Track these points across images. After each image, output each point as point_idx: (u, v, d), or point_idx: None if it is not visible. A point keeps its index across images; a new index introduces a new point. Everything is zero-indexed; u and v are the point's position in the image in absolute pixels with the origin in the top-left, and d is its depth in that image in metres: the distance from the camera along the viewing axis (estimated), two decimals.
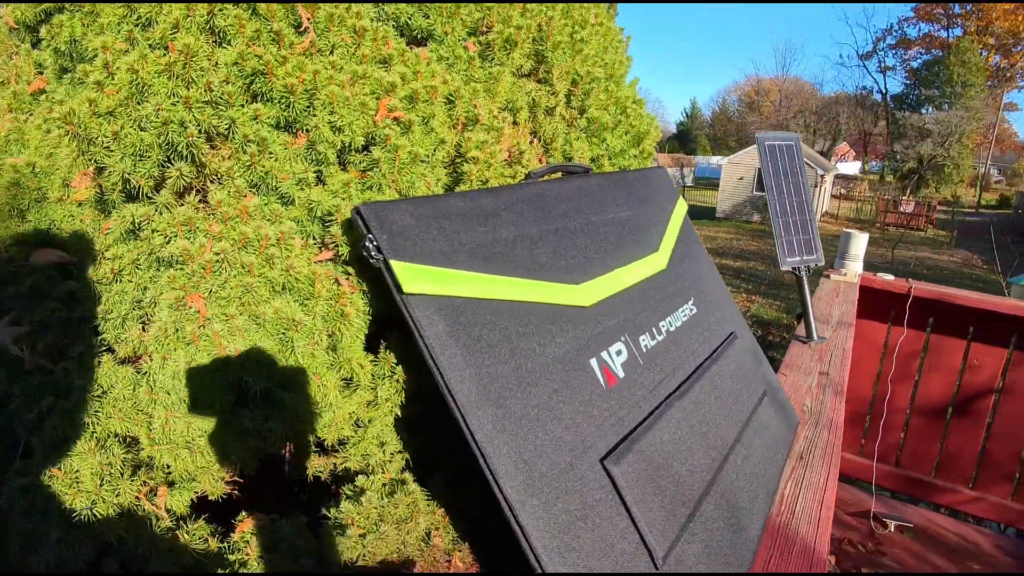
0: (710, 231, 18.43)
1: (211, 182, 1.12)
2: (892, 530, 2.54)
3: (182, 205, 1.11)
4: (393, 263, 0.71)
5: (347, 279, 1.29)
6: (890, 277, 2.68)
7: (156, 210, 1.18)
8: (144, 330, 1.15)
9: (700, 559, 0.91)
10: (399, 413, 1.45)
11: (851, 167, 35.65)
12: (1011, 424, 2.50)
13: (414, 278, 0.72)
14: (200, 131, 1.08)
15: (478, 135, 1.35)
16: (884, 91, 36.79)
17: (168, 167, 1.16)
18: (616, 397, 1.04)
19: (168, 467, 1.17)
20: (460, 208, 0.89)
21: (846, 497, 2.76)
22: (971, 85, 30.97)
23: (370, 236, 0.76)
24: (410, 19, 1.37)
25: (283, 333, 1.18)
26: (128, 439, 1.18)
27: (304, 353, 1.24)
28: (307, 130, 1.14)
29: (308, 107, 1.13)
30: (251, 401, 1.20)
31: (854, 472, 2.78)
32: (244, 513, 1.27)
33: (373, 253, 0.73)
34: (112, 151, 1.15)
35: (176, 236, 1.07)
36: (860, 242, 2.74)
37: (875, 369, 2.66)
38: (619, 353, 1.10)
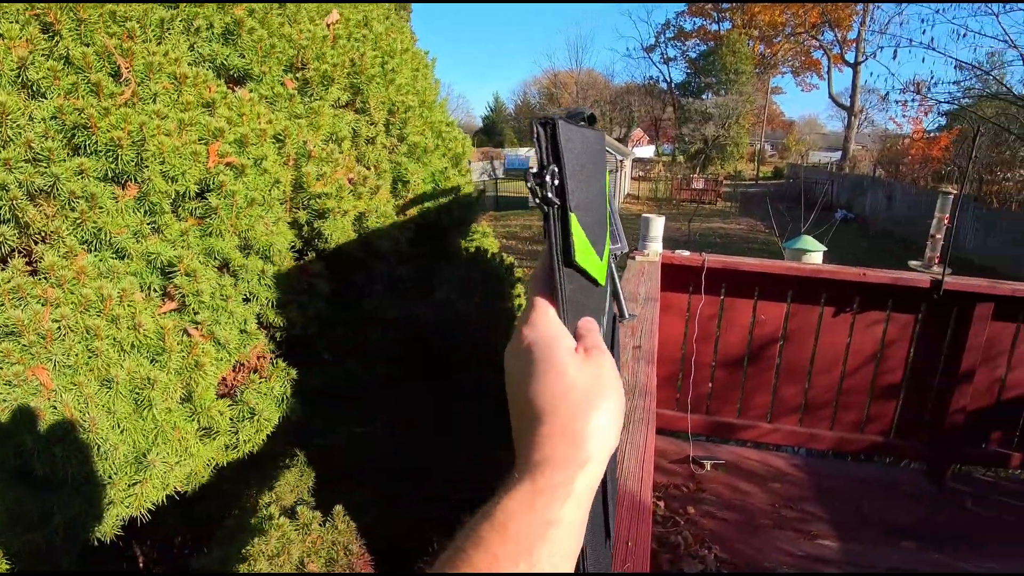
0: (525, 220, 19.88)
1: (36, 243, 1.16)
2: (709, 469, 3.19)
3: (3, 270, 1.13)
4: (573, 218, 0.47)
5: (196, 328, 1.41)
6: (687, 253, 3.38)
7: None
8: None
9: None
10: (259, 451, 1.59)
11: (646, 151, 41.17)
12: (794, 365, 3.29)
13: (583, 243, 0.50)
14: (23, 191, 1.13)
15: (314, 168, 1.55)
16: (669, 80, 43.24)
17: None
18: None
19: None
20: (588, 140, 0.60)
21: (669, 448, 3.32)
22: (742, 72, 37.84)
23: (555, 168, 0.47)
24: (226, 60, 1.50)
25: (138, 393, 1.27)
26: None
27: (161, 410, 1.33)
28: (138, 181, 1.24)
29: (137, 158, 1.23)
30: (110, 467, 1.26)
31: (673, 425, 3.30)
32: None
33: (551, 194, 0.46)
34: None
35: (4, 305, 1.10)
36: (658, 225, 3.41)
37: (682, 334, 3.37)
38: None
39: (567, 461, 0.40)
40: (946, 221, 3.39)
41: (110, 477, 1.29)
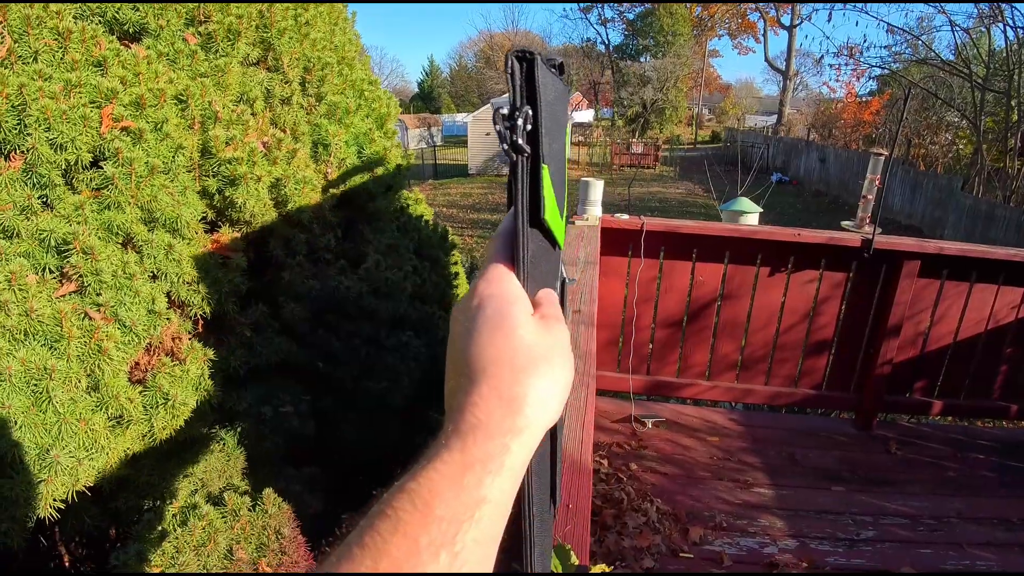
0: (465, 188, 19.72)
1: None
2: (650, 427, 3.29)
3: None
4: (545, 171, 0.43)
5: (98, 310, 1.33)
6: (626, 216, 3.42)
7: None
8: None
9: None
10: (179, 437, 1.54)
11: (585, 115, 41.30)
12: (731, 325, 3.42)
13: (551, 201, 0.46)
14: None
15: (222, 131, 1.46)
16: (607, 42, 43.22)
17: None
18: None
19: None
20: (558, 90, 0.55)
21: (611, 408, 3.40)
22: (680, 34, 38.31)
23: (529, 110, 0.41)
24: (118, 13, 1.39)
25: (35, 384, 1.19)
26: None
27: (63, 401, 1.26)
28: (23, 151, 1.15)
29: (19, 125, 1.13)
30: (9, 468, 1.19)
31: (615, 386, 3.40)
32: None
33: (521, 140, 0.41)
34: None
35: None
36: (597, 188, 3.44)
37: (622, 297, 3.43)
38: None
39: (501, 427, 0.37)
40: (877, 182, 3.56)
41: (11, 477, 1.22)
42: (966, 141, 17.15)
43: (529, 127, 0.41)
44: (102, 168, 1.27)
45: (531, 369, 0.39)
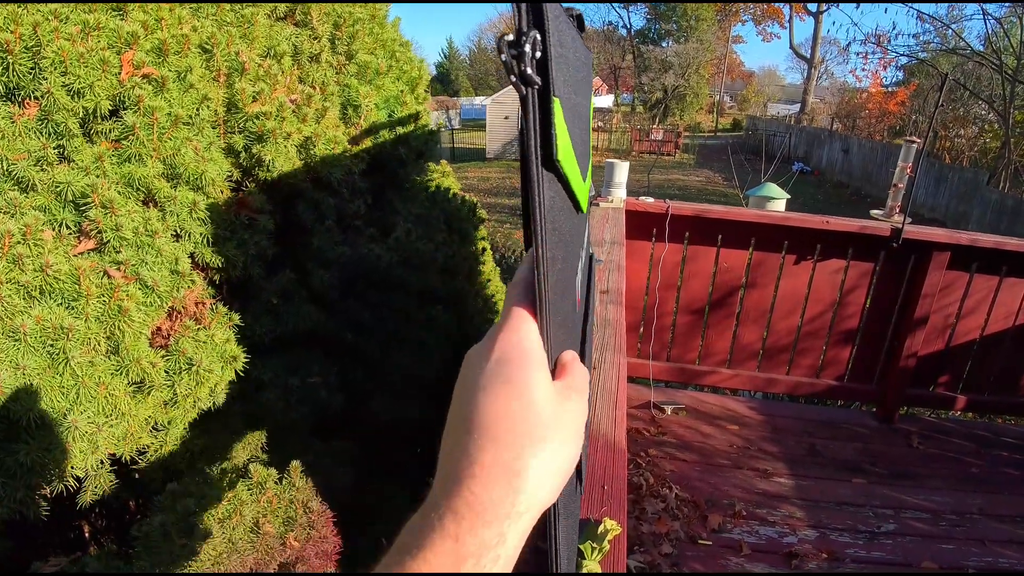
0: (483, 172, 19.55)
1: None
2: (669, 413, 3.23)
3: None
4: (557, 104, 0.38)
5: (119, 269, 1.24)
6: (651, 200, 3.33)
7: None
8: None
9: None
10: (203, 406, 1.46)
11: (605, 100, 40.72)
12: (755, 313, 3.34)
13: (565, 143, 0.41)
14: None
15: (248, 84, 1.36)
16: (628, 26, 42.41)
17: None
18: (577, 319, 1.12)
19: None
20: (578, 46, 0.50)
21: (631, 394, 3.29)
22: (703, 19, 37.45)
23: (536, 35, 0.36)
24: None
25: (51, 345, 1.11)
26: None
27: (81, 364, 1.18)
28: (37, 97, 1.05)
29: (33, 69, 1.03)
30: (24, 432, 1.12)
31: (635, 371, 3.31)
32: (37, 563, 1.18)
33: (530, 69, 0.35)
34: None
35: None
36: (623, 170, 3.33)
37: (645, 281, 3.33)
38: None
39: (499, 511, 0.34)
40: (908, 171, 3.40)
41: (26, 442, 1.14)
42: (993, 135, 16.65)
43: (539, 54, 0.35)
44: (122, 118, 1.17)
45: (536, 438, 0.36)
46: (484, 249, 2.35)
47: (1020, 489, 2.85)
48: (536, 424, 0.36)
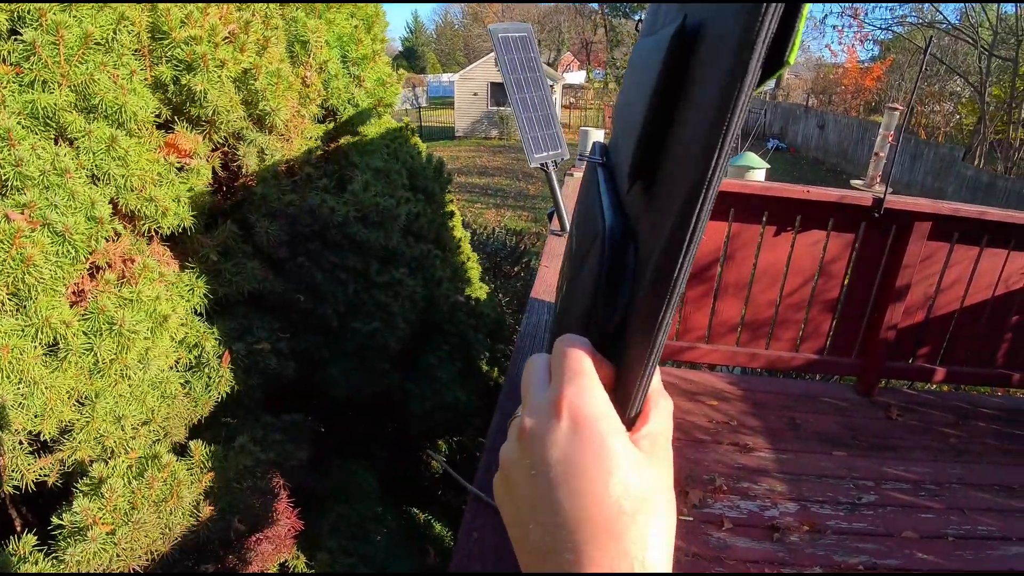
0: (452, 151, 19.34)
1: None
2: None
3: None
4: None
5: (21, 212, 1.10)
6: None
7: None
8: None
9: None
10: (133, 375, 1.32)
11: (577, 76, 40.47)
12: (733, 286, 3.29)
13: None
14: None
15: (175, 7, 1.21)
16: None
17: None
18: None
19: None
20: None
21: None
22: None
23: None
24: None
25: None
26: None
27: None
28: None
29: None
30: None
31: None
32: None
33: None
34: None
35: None
36: (598, 138, 3.26)
37: None
38: None
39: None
40: (890, 139, 3.38)
41: None
42: (968, 111, 16.99)
43: None
44: (21, 37, 1.02)
45: (632, 525, 0.33)
46: (453, 213, 2.23)
47: (998, 458, 2.90)
48: (632, 508, 0.33)
